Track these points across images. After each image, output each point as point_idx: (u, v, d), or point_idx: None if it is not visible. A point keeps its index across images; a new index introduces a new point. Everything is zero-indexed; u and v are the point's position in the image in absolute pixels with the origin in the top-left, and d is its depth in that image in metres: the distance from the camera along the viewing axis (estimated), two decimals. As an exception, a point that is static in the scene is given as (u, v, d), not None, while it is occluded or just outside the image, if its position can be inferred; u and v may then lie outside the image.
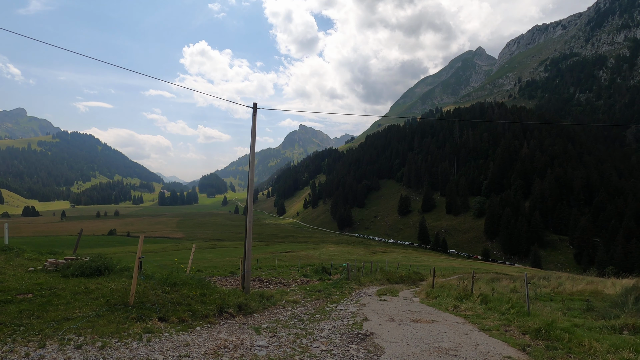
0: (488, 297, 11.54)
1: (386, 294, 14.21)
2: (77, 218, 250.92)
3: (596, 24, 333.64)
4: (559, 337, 6.76)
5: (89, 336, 5.60)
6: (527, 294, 9.78)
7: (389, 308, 10.68)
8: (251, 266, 33.39)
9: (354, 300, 12.51)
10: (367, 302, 11.89)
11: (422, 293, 14.63)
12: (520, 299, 11.33)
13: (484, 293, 12.14)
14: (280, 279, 17.40)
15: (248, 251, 11.22)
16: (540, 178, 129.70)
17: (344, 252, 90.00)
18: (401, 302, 12.01)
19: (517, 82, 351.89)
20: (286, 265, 29.71)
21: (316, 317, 9.21)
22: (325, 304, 11.22)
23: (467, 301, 11.49)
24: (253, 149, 11.59)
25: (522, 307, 9.75)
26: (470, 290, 12.59)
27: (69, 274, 8.72)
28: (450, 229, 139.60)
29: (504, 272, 52.05)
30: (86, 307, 6.69)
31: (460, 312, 10.28)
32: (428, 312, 10.19)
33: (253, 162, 11.65)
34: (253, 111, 11.42)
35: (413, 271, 26.47)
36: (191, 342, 6.17)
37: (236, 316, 8.42)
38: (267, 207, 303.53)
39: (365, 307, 10.76)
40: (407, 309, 10.61)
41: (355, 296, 13.56)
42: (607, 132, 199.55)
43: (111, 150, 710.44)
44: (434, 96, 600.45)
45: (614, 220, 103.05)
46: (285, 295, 11.99)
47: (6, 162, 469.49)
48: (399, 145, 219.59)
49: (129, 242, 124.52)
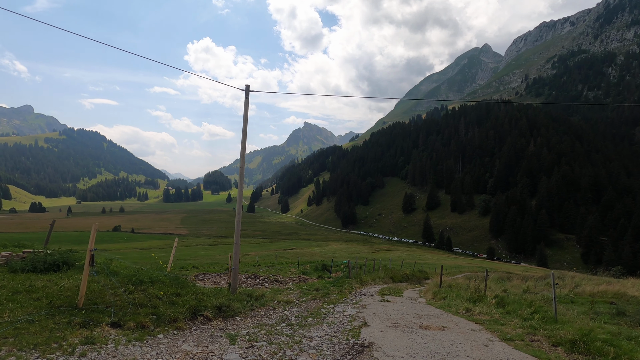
0: (504, 299, 10.21)
1: (389, 294, 13.22)
2: (83, 214, 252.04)
3: (605, 20, 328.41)
4: (601, 351, 5.50)
5: (5, 349, 4.38)
6: (554, 296, 8.53)
7: (392, 310, 9.63)
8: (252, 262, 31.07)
9: (354, 300, 11.48)
10: (368, 302, 10.85)
11: (429, 293, 13.49)
12: (540, 301, 10.09)
13: (499, 294, 10.80)
14: (277, 276, 16.24)
15: (236, 246, 10.28)
16: (547, 176, 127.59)
17: (348, 249, 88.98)
18: (406, 304, 10.94)
19: (524, 80, 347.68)
20: (286, 262, 28.68)
21: (308, 321, 8.18)
22: (321, 305, 10.23)
23: (481, 303, 10.26)
24: (245, 134, 10.68)
25: (546, 312, 8.47)
26: (483, 291, 11.24)
27: (18, 268, 7.57)
28: (455, 227, 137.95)
29: (509, 271, 50.72)
30: (21, 310, 5.49)
31: (473, 316, 9.08)
32: (437, 315, 9.04)
33: (244, 147, 10.64)
34: (245, 94, 10.59)
35: (418, 269, 25.26)
36: (140, 356, 4.89)
37: (213, 320, 7.43)
38: (271, 205, 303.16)
39: (365, 309, 9.73)
40: (413, 311, 9.54)
41: (356, 296, 12.57)
42: (616, 130, 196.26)
43: (117, 147, 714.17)
44: (439, 94, 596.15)
45: (622, 219, 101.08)
46: (279, 295, 11.07)
47: (14, 158, 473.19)
48: (404, 142, 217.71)
49: (134, 238, 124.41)
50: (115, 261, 10.27)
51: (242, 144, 10.65)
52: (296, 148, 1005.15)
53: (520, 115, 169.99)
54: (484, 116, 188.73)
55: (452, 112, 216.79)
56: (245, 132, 10.67)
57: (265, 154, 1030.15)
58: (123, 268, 8.79)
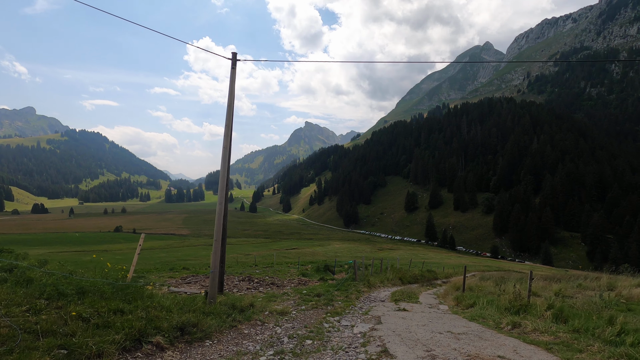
0: (564, 310, 7.83)
1: (403, 299, 11.61)
2: (85, 215, 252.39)
3: (608, 17, 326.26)
4: None
5: None
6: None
7: (415, 325, 7.65)
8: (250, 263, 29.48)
9: (364, 309, 9.70)
10: (382, 312, 9.08)
11: (449, 298, 11.83)
12: (600, 309, 8.33)
13: (553, 303, 8.39)
14: (274, 278, 15.14)
15: (216, 243, 8.27)
16: (551, 174, 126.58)
17: (350, 249, 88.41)
18: (428, 314, 9.16)
19: (526, 77, 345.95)
20: (285, 263, 27.92)
21: (306, 345, 6.21)
22: (323, 317, 8.26)
23: (528, 315, 8.10)
24: (231, 109, 9.09)
25: (637, 332, 6.31)
26: (526, 297, 8.88)
27: None
28: (458, 226, 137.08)
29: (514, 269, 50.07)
30: None
31: (527, 334, 7.01)
32: (478, 334, 6.97)
33: (231, 123, 9.02)
34: (232, 63, 9.11)
35: (426, 269, 24.54)
36: None
37: (168, 349, 5.34)
38: (273, 204, 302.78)
39: (380, 323, 7.81)
40: (444, 327, 7.53)
41: (365, 302, 10.85)
42: (620, 126, 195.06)
43: (118, 148, 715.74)
44: (441, 92, 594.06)
45: (628, 216, 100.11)
46: (272, 303, 9.32)
47: (16, 160, 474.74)
48: (406, 141, 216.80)
49: (135, 239, 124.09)
50: (53, 264, 8.44)
51: (227, 120, 8.93)
52: (297, 148, 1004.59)
53: (523, 113, 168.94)
54: (486, 114, 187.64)
55: (454, 110, 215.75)
56: (232, 108, 9.04)
57: (266, 154, 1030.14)
58: (45, 275, 6.38)
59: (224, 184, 8.79)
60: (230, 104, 8.90)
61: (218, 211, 8.54)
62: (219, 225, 8.42)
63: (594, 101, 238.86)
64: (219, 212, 8.53)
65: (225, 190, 9.42)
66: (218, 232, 8.40)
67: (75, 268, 9.75)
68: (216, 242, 8.31)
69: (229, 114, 8.90)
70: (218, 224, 8.41)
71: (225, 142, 8.75)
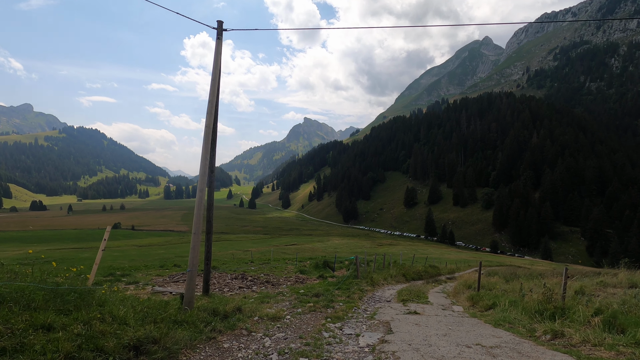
0: (617, 315, 6.30)
1: (412, 300, 10.53)
2: (84, 212, 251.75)
3: (608, 11, 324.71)
4: None
5: None
6: None
7: (434, 335, 6.38)
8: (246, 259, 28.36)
9: (368, 311, 8.59)
10: (390, 316, 7.95)
11: (462, 298, 10.71)
12: None
13: (602, 308, 6.91)
14: (269, 276, 14.12)
15: (195, 237, 6.99)
16: (550, 168, 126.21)
17: (350, 244, 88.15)
18: (443, 318, 7.96)
19: (525, 72, 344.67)
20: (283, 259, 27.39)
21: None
22: (322, 324, 7.04)
23: (568, 321, 6.66)
24: (215, 84, 7.84)
25: None
26: (560, 299, 7.57)
27: None
28: (457, 221, 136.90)
29: (515, 264, 49.85)
30: None
31: (574, 346, 5.67)
32: (515, 347, 5.70)
33: (215, 100, 7.79)
34: (217, 33, 8.01)
35: (429, 265, 24.02)
36: None
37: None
38: (272, 201, 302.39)
39: (391, 332, 6.52)
40: (469, 337, 6.26)
41: (369, 303, 9.76)
42: (619, 121, 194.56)
43: (117, 144, 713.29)
44: (440, 87, 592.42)
45: (628, 210, 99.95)
46: (264, 305, 8.17)
47: (14, 157, 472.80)
48: (405, 136, 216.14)
49: (133, 236, 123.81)
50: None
51: (210, 96, 7.63)
52: (296, 144, 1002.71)
53: (522, 107, 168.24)
54: (485, 109, 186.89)
55: (454, 105, 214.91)
56: (216, 83, 7.81)
57: (265, 150, 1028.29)
58: None
59: (205, 168, 7.38)
60: (214, 78, 7.75)
61: (198, 200, 7.18)
62: (198, 216, 7.05)
63: (593, 95, 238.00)
64: (199, 201, 7.16)
65: (209, 177, 8.28)
66: (197, 224, 7.01)
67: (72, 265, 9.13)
68: (195, 235, 6.92)
69: (213, 90, 7.71)
70: (197, 214, 7.04)
71: (208, 120, 7.45)
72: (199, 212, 7.05)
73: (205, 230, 8.47)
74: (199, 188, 7.28)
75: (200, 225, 7.08)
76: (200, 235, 6.95)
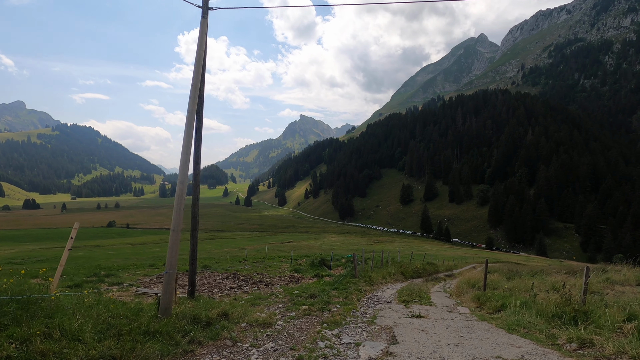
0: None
1: (413, 301, 9.98)
2: (78, 210, 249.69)
3: (602, 8, 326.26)
4: None
5: None
6: None
7: (446, 345, 5.65)
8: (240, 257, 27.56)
9: (368, 314, 7.97)
10: (393, 321, 7.29)
11: (466, 298, 10.11)
12: None
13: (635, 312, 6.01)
14: (263, 275, 13.48)
15: (174, 234, 6.20)
16: (545, 165, 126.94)
17: (346, 242, 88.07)
18: (451, 322, 7.31)
19: (520, 69, 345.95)
20: (279, 257, 27.12)
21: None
22: (318, 331, 6.26)
23: (593, 326, 5.85)
24: (200, 67, 7.02)
25: None
26: (579, 301, 6.78)
27: None
28: (453, 218, 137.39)
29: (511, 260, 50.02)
30: None
31: (605, 357, 4.91)
32: None
33: (199, 84, 6.97)
34: (202, 12, 7.34)
35: (427, 262, 23.84)
36: None
37: None
38: (268, 198, 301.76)
39: (396, 342, 5.72)
40: (485, 347, 5.55)
41: (369, 305, 9.13)
42: (613, 118, 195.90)
43: (111, 142, 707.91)
44: (436, 84, 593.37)
45: (621, 206, 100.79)
46: (255, 308, 7.42)
47: (6, 155, 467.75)
48: (401, 133, 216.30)
49: (128, 234, 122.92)
50: None
51: (193, 79, 6.82)
52: (292, 141, 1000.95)
53: (517, 104, 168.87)
54: (481, 106, 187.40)
55: (449, 102, 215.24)
56: (201, 65, 7.03)
57: (261, 148, 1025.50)
58: None
59: (187, 157, 6.48)
60: (199, 60, 6.99)
61: (178, 193, 6.33)
62: (178, 211, 6.19)
63: (587, 93, 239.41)
64: (179, 194, 6.32)
65: (195, 169, 7.66)
66: (177, 221, 6.15)
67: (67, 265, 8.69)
68: (174, 233, 6.13)
69: (197, 73, 6.89)
70: (177, 209, 6.20)
71: (191, 105, 6.68)
72: (179, 207, 6.25)
73: (190, 228, 7.83)
74: (179, 180, 6.49)
75: (180, 222, 6.26)
76: (180, 233, 6.23)
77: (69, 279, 11.55)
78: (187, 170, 6.54)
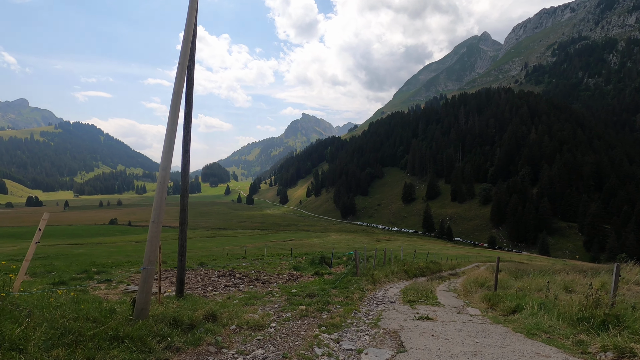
0: None
1: (419, 300, 9.42)
2: (80, 208, 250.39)
3: (606, 6, 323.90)
4: None
5: None
6: None
7: (460, 353, 4.95)
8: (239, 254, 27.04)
9: (371, 315, 7.37)
10: (399, 323, 6.66)
11: (475, 298, 9.60)
12: None
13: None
14: (260, 273, 13.03)
15: (155, 225, 5.52)
16: (548, 164, 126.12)
17: (348, 240, 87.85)
18: (462, 325, 6.71)
19: (523, 68, 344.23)
20: (278, 255, 26.80)
21: None
22: (315, 334, 5.65)
23: (628, 332, 5.16)
24: (189, 44, 6.47)
25: None
26: (610, 303, 6.08)
27: None
28: (455, 217, 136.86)
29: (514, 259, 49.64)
30: None
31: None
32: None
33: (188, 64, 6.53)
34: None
35: (430, 260, 23.50)
36: None
37: None
38: (270, 196, 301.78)
39: (404, 349, 5.03)
40: (508, 358, 4.84)
41: (371, 305, 8.53)
42: (617, 117, 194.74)
43: (113, 140, 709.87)
44: (438, 83, 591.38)
45: (625, 206, 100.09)
46: (248, 308, 6.79)
47: (9, 152, 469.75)
48: (403, 132, 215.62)
49: (130, 231, 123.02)
50: None
51: (180, 58, 6.24)
52: (294, 139, 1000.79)
53: (521, 103, 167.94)
54: (484, 104, 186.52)
55: (452, 100, 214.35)
56: (189, 42, 6.46)
57: (263, 146, 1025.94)
58: None
59: (171, 143, 5.83)
60: (187, 37, 6.37)
61: (160, 180, 5.67)
62: (159, 201, 5.56)
63: (591, 91, 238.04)
64: (161, 181, 5.67)
65: (184, 158, 7.06)
66: (158, 211, 5.52)
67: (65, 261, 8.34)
68: (154, 224, 5.46)
69: (185, 50, 6.28)
70: (158, 198, 5.57)
71: (177, 85, 6.05)
72: (161, 195, 5.57)
73: (179, 222, 7.20)
74: (162, 167, 5.75)
75: (162, 213, 5.57)
76: (161, 224, 5.56)
77: (57, 275, 11.23)
78: (170, 157, 5.81)
